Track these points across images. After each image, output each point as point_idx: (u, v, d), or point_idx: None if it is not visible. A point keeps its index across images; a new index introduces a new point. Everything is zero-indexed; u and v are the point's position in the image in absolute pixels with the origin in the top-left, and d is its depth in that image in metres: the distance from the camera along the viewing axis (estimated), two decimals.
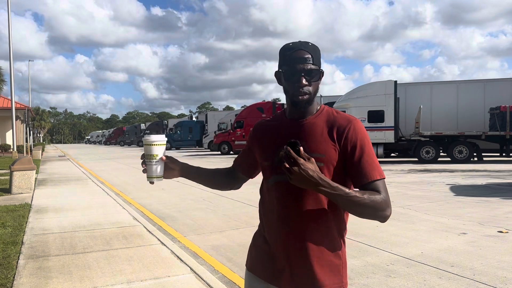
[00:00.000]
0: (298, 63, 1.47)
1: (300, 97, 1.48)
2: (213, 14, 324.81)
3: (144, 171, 1.68)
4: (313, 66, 1.48)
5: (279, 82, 1.58)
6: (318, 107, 1.57)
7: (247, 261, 1.71)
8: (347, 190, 1.38)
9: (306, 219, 1.48)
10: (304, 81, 1.47)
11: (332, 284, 1.49)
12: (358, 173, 1.46)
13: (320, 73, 1.51)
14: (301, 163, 1.33)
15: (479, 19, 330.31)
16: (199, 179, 1.80)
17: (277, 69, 1.57)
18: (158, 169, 1.66)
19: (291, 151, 1.35)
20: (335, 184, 1.37)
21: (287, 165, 1.34)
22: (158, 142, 1.63)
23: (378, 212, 1.43)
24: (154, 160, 1.64)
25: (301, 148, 1.36)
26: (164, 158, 1.66)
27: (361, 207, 1.40)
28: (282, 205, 1.51)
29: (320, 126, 1.51)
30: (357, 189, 1.45)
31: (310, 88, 1.49)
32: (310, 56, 1.48)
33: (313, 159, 1.37)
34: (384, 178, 1.48)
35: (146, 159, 1.65)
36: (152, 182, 1.67)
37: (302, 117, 1.54)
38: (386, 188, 1.48)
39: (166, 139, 1.67)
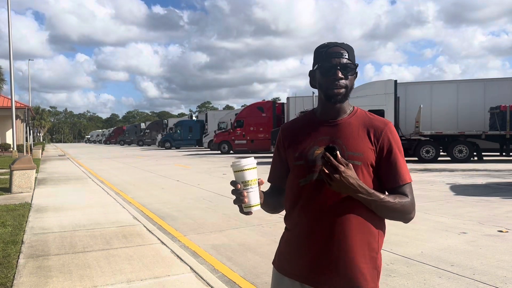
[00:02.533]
0: (334, 57, 1.51)
1: (335, 90, 1.51)
2: (214, 13, 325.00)
3: (237, 201, 1.46)
4: (348, 61, 1.51)
5: (312, 82, 1.60)
6: (351, 108, 1.60)
7: (280, 264, 1.64)
8: (381, 195, 1.45)
9: (348, 217, 1.48)
10: (340, 74, 1.50)
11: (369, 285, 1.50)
12: (391, 175, 1.52)
13: (355, 70, 1.54)
14: (342, 171, 1.37)
15: (481, 18, 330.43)
16: (270, 208, 1.68)
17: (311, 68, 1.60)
18: (256, 196, 1.46)
19: (332, 158, 1.37)
20: (372, 191, 1.44)
21: (327, 172, 1.37)
22: (251, 166, 1.45)
23: (406, 215, 1.52)
24: (250, 187, 1.45)
25: (338, 153, 1.39)
26: (262, 181, 1.50)
27: (392, 211, 1.48)
28: (320, 201, 1.49)
29: (356, 126, 1.55)
30: (388, 194, 1.50)
31: (346, 82, 1.52)
32: (345, 52, 1.52)
33: (351, 165, 1.41)
34: (412, 182, 1.55)
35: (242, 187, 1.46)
36: (250, 213, 1.47)
37: (336, 117, 1.56)
38: (413, 191, 1.54)
39: (256, 161, 1.49)
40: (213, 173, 15.14)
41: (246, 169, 1.44)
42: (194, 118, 51.20)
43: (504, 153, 18.49)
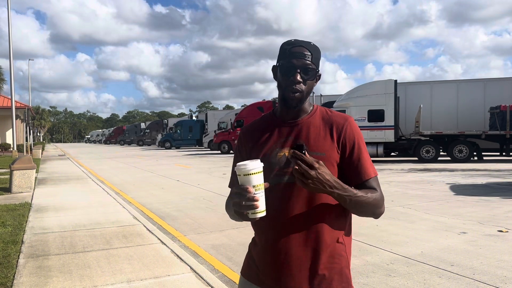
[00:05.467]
0: (296, 57, 1.44)
1: (291, 94, 1.45)
2: (216, 12, 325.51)
3: (246, 207, 1.33)
4: (310, 64, 1.44)
5: (275, 77, 1.53)
6: (312, 107, 1.55)
7: (250, 273, 1.57)
8: (355, 190, 1.39)
9: (315, 218, 1.44)
10: (298, 77, 1.43)
11: (341, 284, 1.48)
12: (356, 171, 1.47)
13: (317, 74, 1.48)
14: (317, 167, 1.30)
15: (485, 17, 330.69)
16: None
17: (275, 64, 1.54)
18: (263, 201, 1.35)
19: (304, 156, 1.30)
20: (346, 186, 1.37)
21: (302, 170, 1.29)
22: (259, 169, 1.34)
23: (377, 209, 1.46)
24: (258, 192, 1.34)
25: (306, 152, 1.33)
26: (267, 184, 1.36)
27: (365, 206, 1.42)
28: (287, 206, 1.44)
29: (317, 125, 1.50)
30: (358, 189, 1.44)
31: (304, 87, 1.46)
32: (309, 53, 1.44)
33: (321, 161, 1.34)
34: (377, 175, 1.50)
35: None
36: (255, 219, 1.36)
37: (296, 117, 1.51)
38: (379, 185, 1.50)
39: (262, 164, 1.36)
40: (213, 173, 15.14)
41: (254, 173, 1.33)
42: (194, 118, 51.17)
43: (504, 153, 18.48)
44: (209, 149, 35.55)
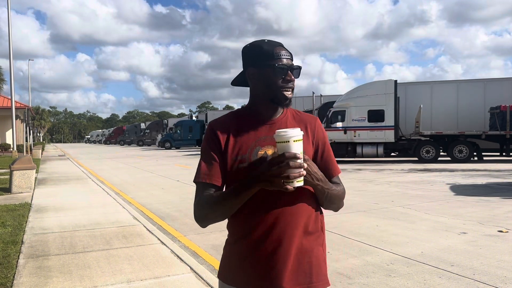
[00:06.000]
0: (285, 57, 1.48)
1: (288, 93, 1.49)
2: (216, 12, 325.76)
3: (293, 176, 1.29)
4: (296, 64, 1.51)
5: (254, 81, 1.51)
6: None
7: (232, 277, 1.53)
8: (330, 184, 1.51)
9: (299, 215, 1.48)
10: (292, 76, 1.49)
11: (323, 277, 1.55)
12: (326, 168, 1.55)
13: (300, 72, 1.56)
14: (307, 159, 1.37)
15: (485, 17, 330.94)
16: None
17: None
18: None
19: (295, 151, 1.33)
20: (327, 179, 1.48)
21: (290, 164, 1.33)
22: (300, 137, 1.32)
23: (341, 202, 1.59)
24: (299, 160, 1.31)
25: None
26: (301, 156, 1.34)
27: (337, 199, 1.54)
28: (274, 203, 1.45)
29: (292, 124, 1.54)
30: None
31: (293, 85, 1.53)
32: (290, 53, 1.52)
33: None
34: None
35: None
36: (293, 188, 1.32)
37: (272, 116, 1.54)
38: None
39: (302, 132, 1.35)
40: None
41: (296, 140, 1.29)
42: (194, 118, 51.18)
43: (504, 153, 18.48)
44: None
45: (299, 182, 1.31)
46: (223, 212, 1.46)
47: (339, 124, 19.03)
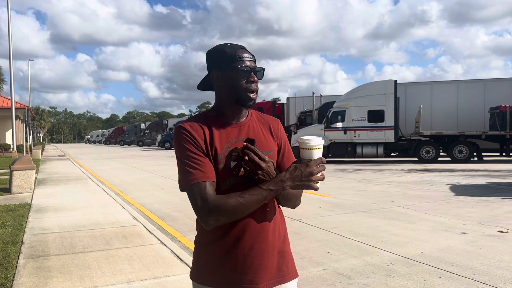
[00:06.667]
0: (248, 60, 1.53)
1: (252, 94, 1.53)
2: (217, 12, 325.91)
3: (317, 176, 1.45)
4: (259, 66, 1.56)
5: (217, 83, 1.55)
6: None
7: (207, 277, 1.55)
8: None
9: (272, 211, 1.57)
10: (256, 78, 1.54)
11: (295, 270, 1.64)
12: (286, 166, 1.58)
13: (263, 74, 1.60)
14: (267, 160, 1.47)
15: (486, 17, 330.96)
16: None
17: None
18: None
19: (255, 149, 1.46)
20: (284, 178, 1.49)
21: (251, 162, 1.44)
22: (320, 146, 1.47)
23: (298, 200, 1.63)
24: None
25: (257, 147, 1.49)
26: (324, 160, 1.48)
27: (293, 197, 1.59)
28: None
29: (259, 127, 1.61)
30: None
31: (257, 87, 1.57)
32: (253, 56, 1.56)
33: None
34: None
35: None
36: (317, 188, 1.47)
37: (240, 119, 1.59)
38: None
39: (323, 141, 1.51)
40: None
41: (318, 148, 1.46)
42: None
43: (504, 153, 18.49)
44: None
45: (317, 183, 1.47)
46: (247, 212, 1.47)
47: (339, 124, 19.03)
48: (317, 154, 1.46)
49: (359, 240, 5.45)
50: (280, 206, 1.65)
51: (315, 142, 1.45)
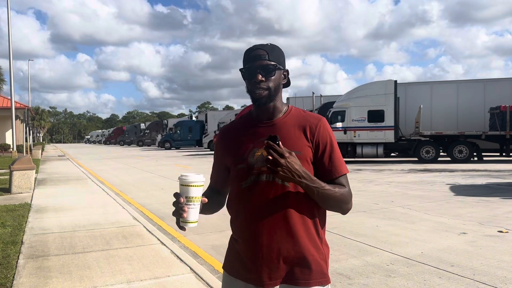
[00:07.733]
0: (254, 60, 1.54)
1: (257, 93, 1.53)
2: (217, 12, 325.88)
3: (176, 214, 1.45)
4: (268, 62, 1.53)
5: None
6: (286, 107, 1.63)
7: (231, 269, 1.65)
8: (322, 183, 1.49)
9: (293, 213, 1.52)
10: (259, 77, 1.52)
11: (316, 278, 1.54)
12: (328, 168, 1.56)
13: (277, 69, 1.55)
14: (287, 156, 1.40)
15: (486, 17, 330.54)
16: (208, 210, 1.67)
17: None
18: (196, 213, 1.46)
19: (275, 145, 1.39)
20: (314, 178, 1.47)
21: (272, 158, 1.39)
22: (198, 183, 1.44)
23: (344, 204, 1.57)
24: (193, 204, 1.44)
25: (280, 143, 1.42)
26: (205, 199, 1.51)
27: (332, 200, 1.52)
28: (267, 203, 1.52)
29: (292, 125, 1.58)
30: (327, 183, 1.53)
31: (269, 84, 1.54)
32: (266, 53, 1.53)
33: (293, 152, 1.44)
34: (348, 173, 1.60)
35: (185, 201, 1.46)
36: (184, 228, 1.46)
37: (271, 118, 1.60)
38: (349, 182, 1.61)
39: (204, 179, 1.48)
40: None
41: (192, 185, 1.43)
42: (194, 118, 51.17)
43: (504, 153, 18.49)
44: (209, 150, 35.52)
45: (193, 224, 1.46)
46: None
47: (339, 125, 19.03)
48: (191, 191, 1.42)
49: (359, 240, 5.45)
50: (326, 209, 1.59)
51: (190, 179, 1.42)
